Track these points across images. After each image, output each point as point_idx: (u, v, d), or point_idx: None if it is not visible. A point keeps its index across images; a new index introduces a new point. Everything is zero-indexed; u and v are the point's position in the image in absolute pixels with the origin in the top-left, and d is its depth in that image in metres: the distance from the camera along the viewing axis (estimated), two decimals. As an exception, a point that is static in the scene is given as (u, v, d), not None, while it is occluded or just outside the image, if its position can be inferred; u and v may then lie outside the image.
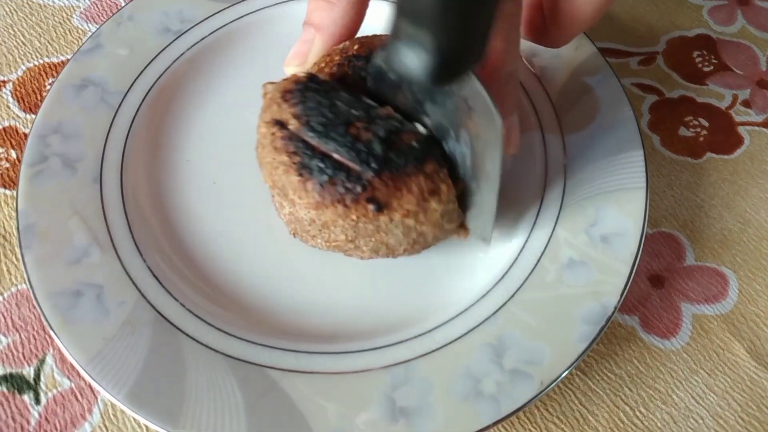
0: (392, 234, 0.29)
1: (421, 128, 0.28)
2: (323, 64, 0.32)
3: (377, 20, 0.33)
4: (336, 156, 0.28)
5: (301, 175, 0.28)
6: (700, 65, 0.43)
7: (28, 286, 0.31)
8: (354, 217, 0.28)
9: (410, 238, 0.30)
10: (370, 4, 0.32)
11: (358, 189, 0.28)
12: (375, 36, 0.33)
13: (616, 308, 0.31)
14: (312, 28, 0.33)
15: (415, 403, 0.29)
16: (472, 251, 0.34)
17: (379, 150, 0.28)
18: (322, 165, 0.28)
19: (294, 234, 0.32)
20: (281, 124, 0.29)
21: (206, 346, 0.30)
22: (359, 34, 0.33)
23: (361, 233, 0.29)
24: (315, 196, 0.28)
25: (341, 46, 0.32)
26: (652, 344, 0.34)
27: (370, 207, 0.28)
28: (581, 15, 0.31)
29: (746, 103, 0.42)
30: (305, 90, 0.29)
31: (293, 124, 0.29)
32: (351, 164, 0.28)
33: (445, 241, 0.33)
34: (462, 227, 0.31)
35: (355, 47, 0.32)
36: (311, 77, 0.30)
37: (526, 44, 0.34)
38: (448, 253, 0.34)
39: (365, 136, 0.28)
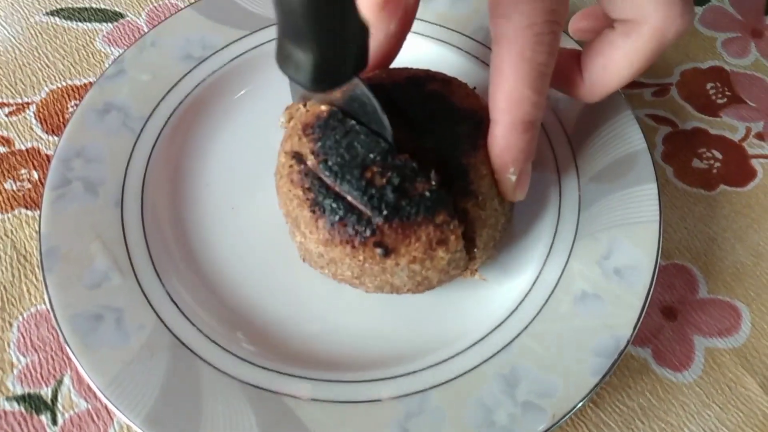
0: (397, 276, 0.30)
1: (434, 178, 0.29)
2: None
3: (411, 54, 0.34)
4: (349, 198, 0.29)
5: (313, 211, 0.29)
6: (713, 97, 0.44)
7: (49, 309, 0.31)
8: (361, 258, 0.29)
9: (415, 281, 0.30)
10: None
11: (367, 233, 0.28)
12: (405, 68, 0.33)
13: (629, 342, 0.31)
14: None
15: (428, 434, 0.29)
16: (486, 283, 0.34)
17: (391, 197, 0.28)
18: (334, 205, 0.29)
19: (303, 260, 0.33)
20: (299, 158, 0.30)
21: (223, 373, 0.31)
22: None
23: (366, 272, 0.30)
24: (325, 234, 0.29)
25: (371, 74, 0.33)
26: (665, 377, 0.34)
27: (378, 251, 0.28)
28: (617, 71, 0.32)
29: (759, 136, 0.42)
30: (326, 126, 0.30)
31: (311, 160, 0.30)
32: (362, 208, 0.28)
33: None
34: (468, 269, 0.31)
35: (383, 76, 0.32)
36: (333, 113, 0.30)
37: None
38: (462, 284, 0.34)
39: (379, 182, 0.28)
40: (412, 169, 0.29)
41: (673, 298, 0.36)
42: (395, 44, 0.33)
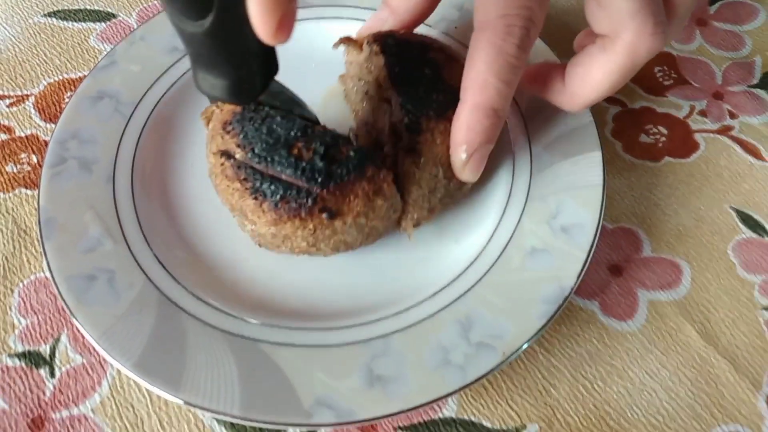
0: (348, 233, 0.33)
1: (353, 138, 0.32)
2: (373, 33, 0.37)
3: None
4: (284, 176, 0.32)
5: (255, 198, 0.32)
6: (660, 79, 0.47)
7: (48, 271, 0.35)
8: (311, 226, 0.32)
9: (364, 233, 0.34)
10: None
11: (310, 202, 0.32)
12: (424, 35, 0.38)
13: (572, 289, 0.34)
14: (388, 9, 0.38)
15: (390, 372, 0.32)
16: (446, 243, 0.37)
17: (321, 165, 0.32)
18: (273, 187, 0.32)
19: (260, 245, 0.35)
20: (228, 155, 0.33)
21: (206, 323, 0.34)
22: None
23: (320, 238, 0.33)
24: (272, 215, 0.32)
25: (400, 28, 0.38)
26: (611, 326, 0.37)
27: (324, 216, 0.32)
28: (595, 83, 0.34)
29: (703, 113, 0.46)
30: (242, 120, 0.33)
31: (239, 153, 0.33)
32: (299, 182, 0.31)
33: (421, 234, 0.37)
34: (401, 223, 0.35)
35: (401, 32, 0.37)
36: (245, 107, 0.33)
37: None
38: (424, 243, 0.37)
39: (307, 155, 0.32)
40: (333, 136, 0.32)
41: (619, 257, 0.39)
42: (428, 7, 0.37)
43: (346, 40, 0.38)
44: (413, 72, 0.35)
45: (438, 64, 0.36)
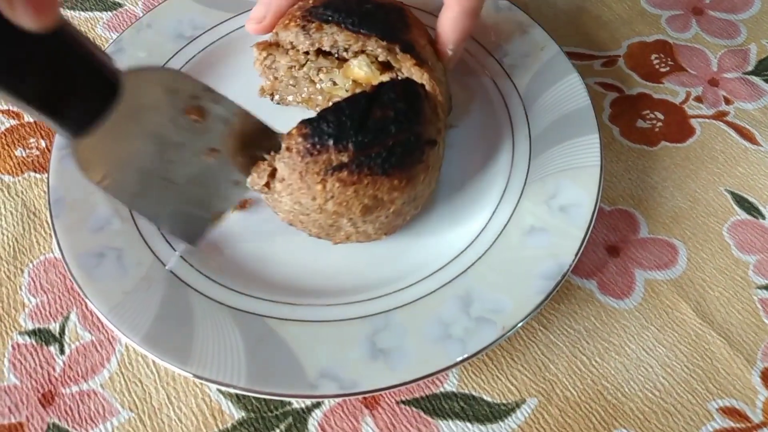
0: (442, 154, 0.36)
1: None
2: (288, 21, 0.38)
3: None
4: (392, 141, 0.32)
5: (388, 176, 0.32)
6: (657, 66, 0.48)
7: (58, 249, 0.35)
8: (431, 163, 0.34)
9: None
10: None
11: (419, 142, 0.33)
12: None
13: (570, 266, 0.35)
14: (264, 6, 0.40)
15: (392, 345, 0.33)
16: (447, 223, 0.38)
17: (405, 107, 0.33)
18: (394, 154, 0.32)
19: (386, 234, 0.37)
20: (340, 167, 0.32)
21: (212, 299, 0.34)
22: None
23: (433, 176, 0.36)
24: (407, 177, 0.33)
25: (300, 3, 0.38)
26: (608, 304, 0.38)
27: (432, 147, 0.34)
28: (445, 35, 0.38)
29: (698, 99, 0.46)
30: (318, 130, 0.32)
31: (345, 156, 0.32)
32: (403, 135, 0.33)
33: (426, 214, 0.38)
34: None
35: (310, 2, 0.38)
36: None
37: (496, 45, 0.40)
38: (426, 224, 0.38)
39: (388, 112, 0.32)
40: (380, 84, 0.34)
41: (616, 237, 0.40)
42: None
43: (267, 45, 0.40)
44: (360, 14, 0.37)
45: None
